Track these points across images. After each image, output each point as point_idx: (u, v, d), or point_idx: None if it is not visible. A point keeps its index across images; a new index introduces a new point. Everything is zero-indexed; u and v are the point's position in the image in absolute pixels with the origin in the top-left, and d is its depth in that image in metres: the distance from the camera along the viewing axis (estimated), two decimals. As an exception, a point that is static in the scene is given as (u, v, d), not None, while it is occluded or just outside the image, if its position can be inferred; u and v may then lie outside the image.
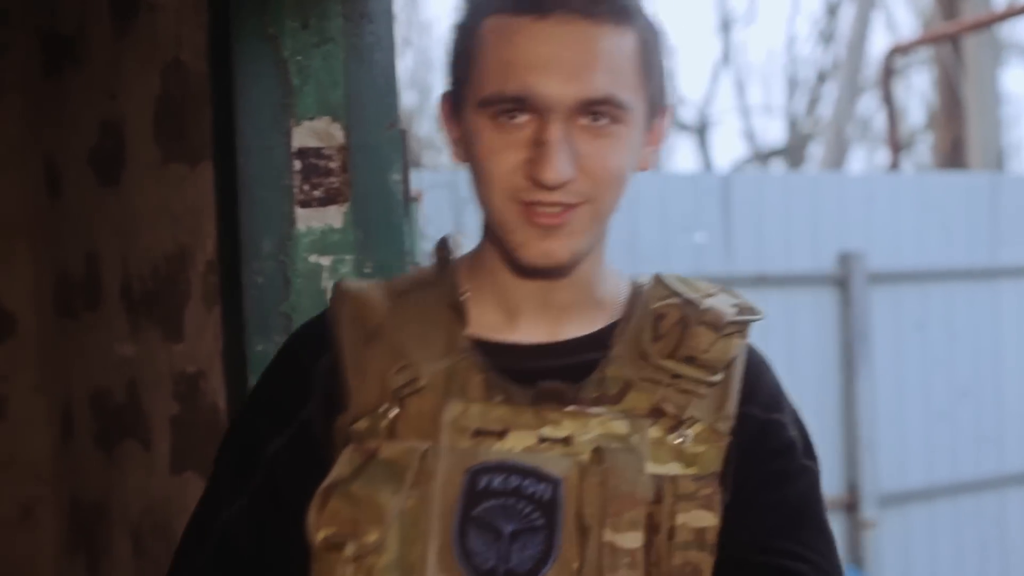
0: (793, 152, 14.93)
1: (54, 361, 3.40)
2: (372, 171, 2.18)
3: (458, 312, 1.53)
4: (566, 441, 1.45)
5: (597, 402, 1.47)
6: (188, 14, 2.42)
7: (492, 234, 1.52)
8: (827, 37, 15.04)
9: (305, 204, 2.11)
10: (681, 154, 20.65)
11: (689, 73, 30.34)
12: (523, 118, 1.43)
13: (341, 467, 1.45)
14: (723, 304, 1.55)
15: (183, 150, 2.50)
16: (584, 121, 1.43)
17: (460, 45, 1.51)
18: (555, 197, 1.43)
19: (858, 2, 14.14)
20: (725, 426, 1.49)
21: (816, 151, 15.19)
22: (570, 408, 1.46)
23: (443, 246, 1.60)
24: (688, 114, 15.92)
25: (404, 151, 2.27)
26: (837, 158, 14.13)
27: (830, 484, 7.77)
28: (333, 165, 2.12)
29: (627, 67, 1.46)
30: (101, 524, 3.11)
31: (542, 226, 1.44)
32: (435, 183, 5.44)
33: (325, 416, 1.53)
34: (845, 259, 7.58)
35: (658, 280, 1.58)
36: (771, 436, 1.53)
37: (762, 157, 15.41)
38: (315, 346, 1.57)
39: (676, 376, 1.49)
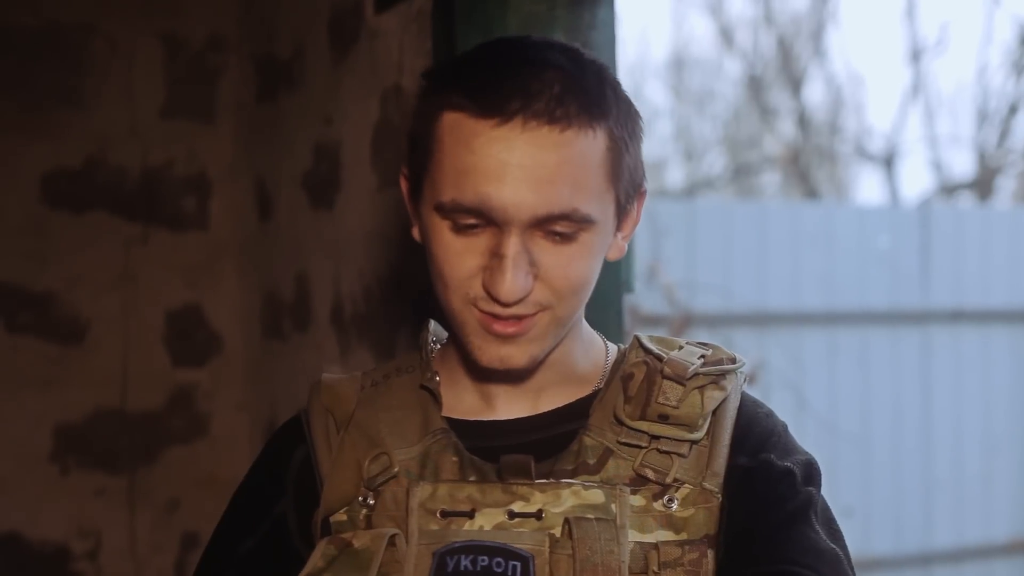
0: (982, 185, 14.57)
1: (259, 381, 3.45)
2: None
3: (432, 395, 1.51)
4: (538, 515, 1.40)
5: (575, 473, 1.43)
6: (410, 41, 2.43)
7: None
8: (1020, 68, 14.66)
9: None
10: (867, 184, 20.32)
11: (877, 103, 29.85)
12: (481, 225, 1.37)
13: (315, 560, 1.43)
14: (688, 356, 1.48)
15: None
16: (544, 231, 1.37)
17: (417, 134, 1.44)
18: (512, 310, 1.38)
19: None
20: (714, 484, 1.44)
21: (1005, 184, 14.83)
22: (541, 481, 1.42)
23: (424, 331, 1.58)
24: (875, 144, 15.67)
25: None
26: (1029, 192, 13.78)
27: (1020, 525, 7.58)
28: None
29: (593, 173, 1.38)
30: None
31: (497, 335, 1.40)
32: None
33: (300, 510, 1.52)
34: (1045, 296, 7.41)
35: (636, 343, 1.53)
36: (760, 475, 1.45)
37: (950, 189, 15.08)
38: (291, 440, 1.57)
39: (655, 438, 1.43)
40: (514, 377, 1.49)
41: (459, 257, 1.39)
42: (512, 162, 1.34)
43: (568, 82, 1.37)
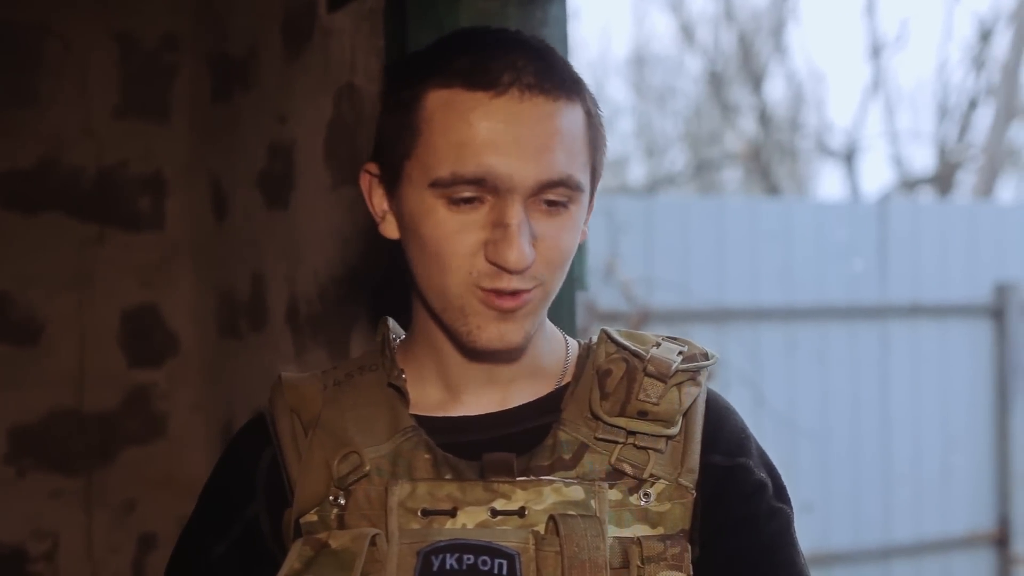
0: (942, 180, 14.66)
1: (216, 381, 3.44)
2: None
3: (399, 392, 1.51)
4: (520, 513, 1.41)
5: (552, 468, 1.44)
6: (363, 39, 2.43)
7: (435, 315, 1.48)
8: (979, 63, 14.77)
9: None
10: (828, 180, 20.39)
11: (838, 99, 29.94)
12: (478, 198, 1.39)
13: (291, 562, 1.42)
14: (668, 353, 1.50)
15: (355, 174, 2.51)
16: (540, 201, 1.40)
17: (397, 118, 1.45)
18: (514, 284, 1.40)
19: (1014, 28, 13.89)
20: (689, 480, 1.46)
21: (965, 179, 14.93)
22: (521, 478, 1.42)
23: (382, 329, 1.58)
24: (836, 140, 15.74)
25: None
26: (988, 186, 13.85)
27: (982, 518, 7.63)
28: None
29: (579, 144, 1.43)
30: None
31: (500, 310, 1.41)
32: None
33: (272, 511, 1.51)
34: (1002, 290, 7.46)
35: (605, 337, 1.54)
36: (737, 481, 1.49)
37: (910, 184, 15.17)
38: (257, 442, 1.55)
39: (632, 433, 1.45)
40: (505, 358, 1.50)
41: (457, 235, 1.40)
42: (513, 132, 1.37)
43: (546, 59, 1.42)
